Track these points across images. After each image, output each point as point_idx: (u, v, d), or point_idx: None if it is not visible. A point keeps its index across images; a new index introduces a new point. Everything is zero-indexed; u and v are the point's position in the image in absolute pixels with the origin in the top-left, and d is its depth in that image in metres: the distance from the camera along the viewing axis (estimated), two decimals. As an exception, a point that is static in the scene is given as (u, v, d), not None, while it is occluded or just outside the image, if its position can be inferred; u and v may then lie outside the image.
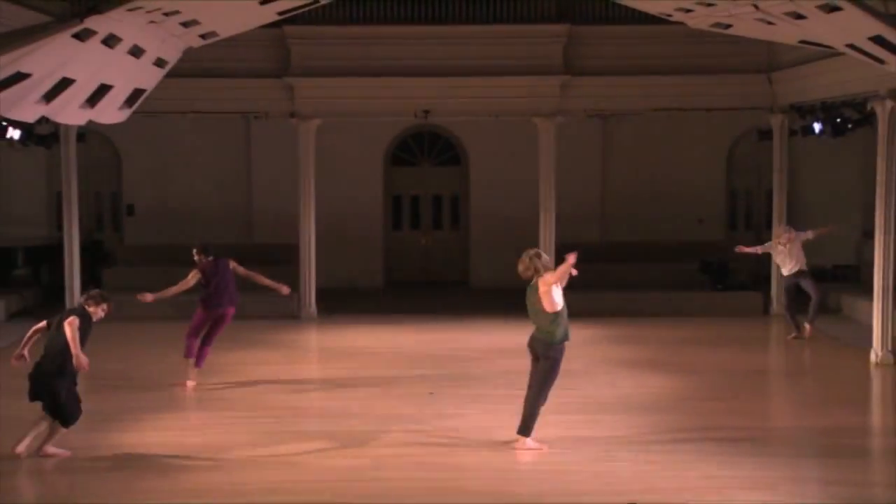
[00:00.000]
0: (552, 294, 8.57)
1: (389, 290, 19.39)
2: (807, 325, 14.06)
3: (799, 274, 14.12)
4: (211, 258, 11.45)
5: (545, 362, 8.73)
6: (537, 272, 8.70)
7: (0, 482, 8.24)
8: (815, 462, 8.79)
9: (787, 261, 14.18)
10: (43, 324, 8.70)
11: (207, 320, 11.42)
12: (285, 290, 11.74)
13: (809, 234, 14.28)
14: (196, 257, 11.43)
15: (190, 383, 11.33)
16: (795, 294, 14.21)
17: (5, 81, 8.61)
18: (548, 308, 8.58)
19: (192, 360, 11.42)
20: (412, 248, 20.15)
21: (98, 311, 8.63)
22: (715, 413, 10.29)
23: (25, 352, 8.74)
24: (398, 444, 9.10)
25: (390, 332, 15.11)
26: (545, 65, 16.56)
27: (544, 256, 8.92)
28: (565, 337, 8.74)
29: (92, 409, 10.63)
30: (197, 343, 11.43)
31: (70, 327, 8.28)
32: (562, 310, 8.68)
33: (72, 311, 8.64)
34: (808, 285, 14.08)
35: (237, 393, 11.22)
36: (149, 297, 11.16)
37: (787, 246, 14.11)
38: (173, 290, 11.31)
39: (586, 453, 8.80)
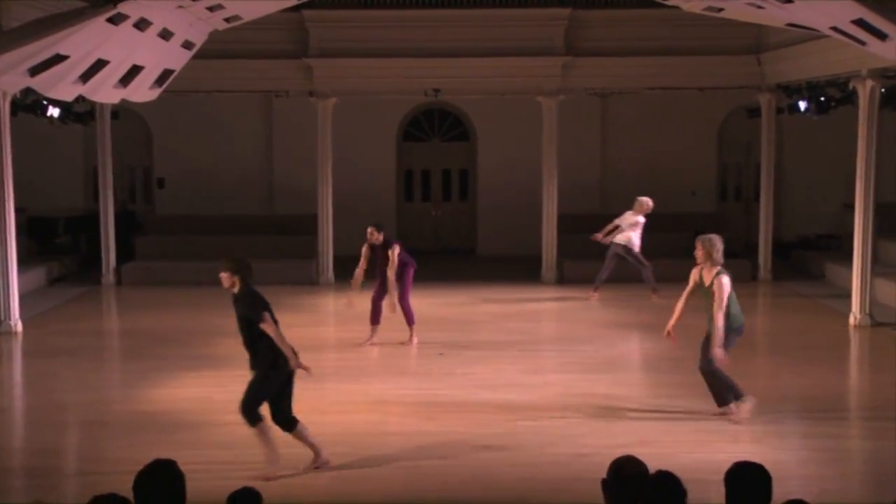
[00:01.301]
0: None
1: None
2: (654, 295, 14.12)
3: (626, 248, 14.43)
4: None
5: None
6: (710, 259, 8.31)
7: (32, 435, 8.38)
8: (797, 416, 8.86)
9: (627, 231, 14.39)
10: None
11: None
12: None
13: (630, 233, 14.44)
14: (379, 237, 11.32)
15: (416, 339, 11.56)
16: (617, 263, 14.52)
17: (45, 63, 8.63)
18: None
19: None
20: (423, 218, 20.18)
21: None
22: (704, 372, 10.33)
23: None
24: (409, 402, 9.18)
25: (403, 296, 15.14)
26: (548, 46, 16.48)
27: (717, 244, 8.36)
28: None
29: (129, 367, 10.81)
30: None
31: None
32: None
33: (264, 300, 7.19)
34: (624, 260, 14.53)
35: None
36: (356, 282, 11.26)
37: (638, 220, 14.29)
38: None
39: (585, 409, 8.88)
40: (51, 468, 7.51)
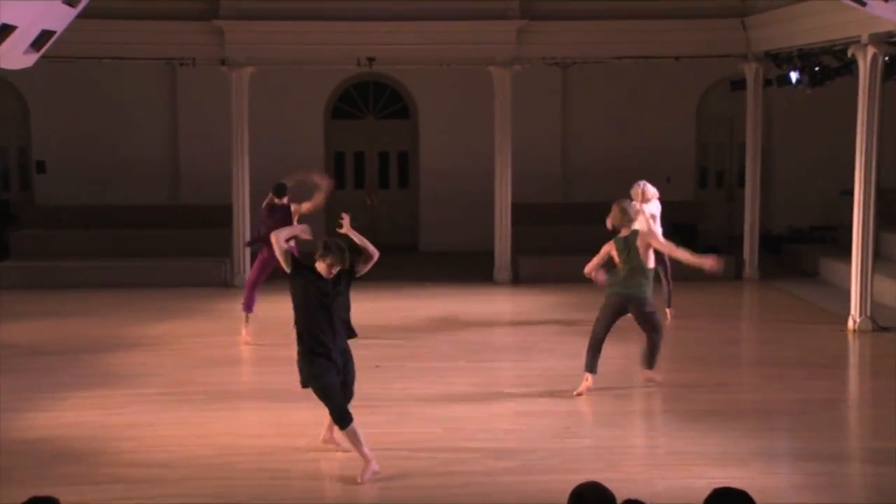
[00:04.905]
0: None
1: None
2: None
3: None
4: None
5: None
6: (631, 222, 9.54)
7: None
8: (788, 436, 8.95)
9: None
10: None
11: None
12: None
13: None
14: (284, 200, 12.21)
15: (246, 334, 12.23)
16: None
17: None
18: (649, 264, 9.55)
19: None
20: (356, 209, 19.86)
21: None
22: (683, 385, 10.42)
23: None
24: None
25: (332, 300, 15.06)
26: (500, 8, 16.51)
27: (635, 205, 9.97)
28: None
29: (3, 387, 10.54)
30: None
31: None
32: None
33: None
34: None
35: (166, 367, 11.16)
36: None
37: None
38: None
39: (545, 430, 8.88)
40: None
